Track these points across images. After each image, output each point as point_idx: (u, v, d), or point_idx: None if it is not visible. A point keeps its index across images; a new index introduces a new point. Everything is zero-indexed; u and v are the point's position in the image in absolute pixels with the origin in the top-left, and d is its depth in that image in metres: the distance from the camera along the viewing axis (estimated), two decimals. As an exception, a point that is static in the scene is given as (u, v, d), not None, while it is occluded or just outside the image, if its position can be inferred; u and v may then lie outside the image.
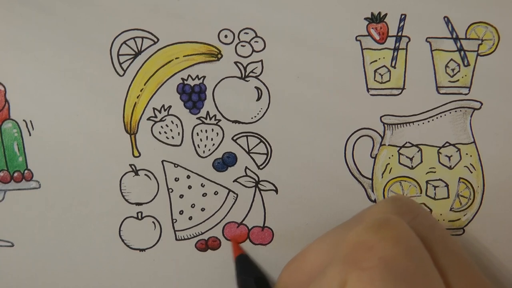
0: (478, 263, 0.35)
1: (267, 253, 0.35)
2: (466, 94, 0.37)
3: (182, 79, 0.36)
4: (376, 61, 0.36)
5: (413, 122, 0.36)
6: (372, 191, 0.36)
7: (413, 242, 0.24)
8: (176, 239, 0.35)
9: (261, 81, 0.36)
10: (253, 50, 0.36)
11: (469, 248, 0.36)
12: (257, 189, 0.36)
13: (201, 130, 0.36)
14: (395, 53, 0.36)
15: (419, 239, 0.24)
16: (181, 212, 0.35)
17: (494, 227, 0.36)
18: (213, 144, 0.36)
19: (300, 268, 0.29)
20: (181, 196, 0.36)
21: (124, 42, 0.36)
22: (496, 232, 0.36)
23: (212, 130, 0.36)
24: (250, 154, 0.36)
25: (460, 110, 0.36)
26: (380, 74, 0.36)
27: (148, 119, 0.36)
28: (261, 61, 0.36)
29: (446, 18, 0.37)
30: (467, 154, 0.36)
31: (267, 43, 0.36)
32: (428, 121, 0.36)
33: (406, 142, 0.36)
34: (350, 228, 0.26)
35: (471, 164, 0.36)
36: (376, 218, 0.25)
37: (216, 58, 0.36)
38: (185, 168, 0.36)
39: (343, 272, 0.23)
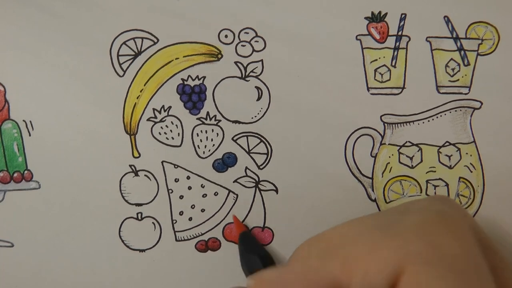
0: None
1: (268, 253, 0.35)
2: (466, 94, 0.37)
3: (182, 79, 0.36)
4: (376, 60, 0.36)
5: (413, 121, 0.36)
6: (372, 190, 0.36)
7: (472, 241, 0.23)
8: (176, 240, 0.35)
9: (261, 81, 0.36)
10: (253, 50, 0.36)
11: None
12: (257, 189, 0.36)
13: (201, 131, 0.36)
14: (395, 53, 0.36)
15: (476, 240, 0.24)
16: (181, 213, 0.35)
17: (494, 227, 0.36)
18: (213, 145, 0.36)
19: (321, 239, 0.26)
20: (181, 196, 0.36)
21: (124, 43, 0.36)
22: (496, 232, 0.36)
23: (212, 130, 0.36)
24: (250, 154, 0.36)
25: (460, 110, 0.36)
26: (380, 73, 0.36)
27: (148, 119, 0.36)
28: (261, 61, 0.36)
29: (446, 18, 0.37)
30: (467, 153, 0.36)
31: (267, 43, 0.36)
32: (428, 121, 0.36)
33: (406, 142, 0.36)
34: (390, 219, 0.25)
35: (471, 163, 0.36)
36: (437, 212, 0.24)
37: (216, 58, 0.36)
38: (185, 169, 0.36)
39: (399, 261, 0.22)
